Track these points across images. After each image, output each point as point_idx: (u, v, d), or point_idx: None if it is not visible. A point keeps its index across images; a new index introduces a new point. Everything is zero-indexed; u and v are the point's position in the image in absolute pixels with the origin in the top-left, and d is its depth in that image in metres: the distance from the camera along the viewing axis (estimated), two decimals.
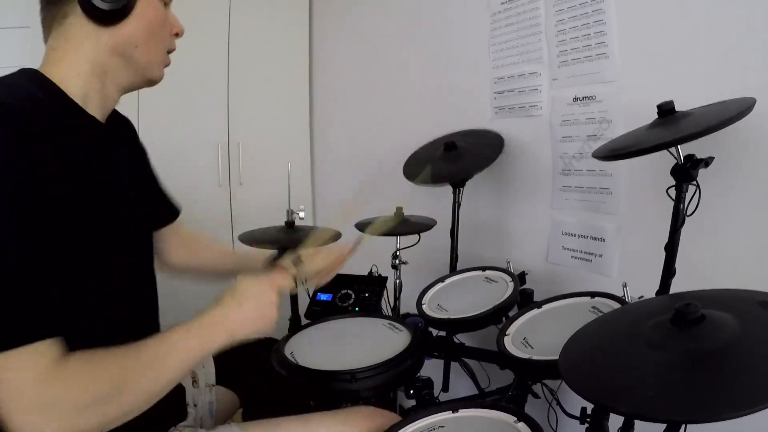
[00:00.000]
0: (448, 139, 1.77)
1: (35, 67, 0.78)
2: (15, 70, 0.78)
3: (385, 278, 1.69)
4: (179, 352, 0.71)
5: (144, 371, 0.67)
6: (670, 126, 1.06)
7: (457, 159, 1.73)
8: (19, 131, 0.64)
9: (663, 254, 1.12)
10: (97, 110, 0.81)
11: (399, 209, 1.63)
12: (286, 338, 1.28)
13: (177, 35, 0.90)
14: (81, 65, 0.78)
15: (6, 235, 0.60)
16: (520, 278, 1.48)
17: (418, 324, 1.41)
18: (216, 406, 1.09)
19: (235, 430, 0.93)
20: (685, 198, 1.08)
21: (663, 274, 1.12)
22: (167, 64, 0.89)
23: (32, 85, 0.74)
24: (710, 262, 1.29)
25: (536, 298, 1.41)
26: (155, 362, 0.68)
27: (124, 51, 0.80)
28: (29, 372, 0.58)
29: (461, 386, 1.69)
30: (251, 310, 0.79)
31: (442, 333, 1.50)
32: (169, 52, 0.89)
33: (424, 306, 1.43)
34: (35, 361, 0.59)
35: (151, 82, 0.89)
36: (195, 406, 1.02)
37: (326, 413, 1.02)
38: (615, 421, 1.01)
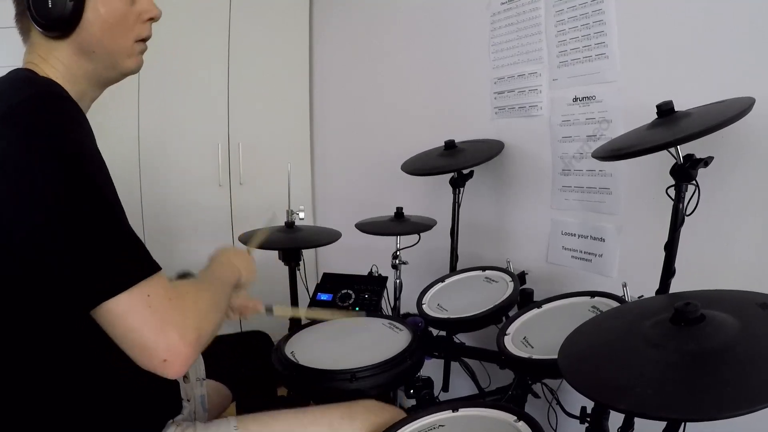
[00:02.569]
0: (448, 140, 1.77)
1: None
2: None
3: (386, 278, 1.69)
4: (223, 281, 0.92)
5: (217, 289, 0.86)
6: (670, 126, 1.07)
7: (457, 154, 1.73)
8: (75, 108, 0.73)
9: (663, 254, 1.12)
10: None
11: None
12: (287, 338, 1.29)
13: (152, 19, 0.87)
14: (56, 69, 0.80)
15: (110, 192, 0.71)
16: (520, 278, 1.48)
17: (419, 324, 1.41)
18: (208, 399, 1.10)
19: (233, 423, 0.93)
20: (684, 198, 1.08)
21: (663, 274, 1.13)
22: (142, 51, 0.87)
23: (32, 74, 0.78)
24: (710, 261, 1.29)
25: (536, 297, 1.41)
26: (217, 285, 0.88)
27: (88, 52, 0.81)
28: (163, 293, 0.69)
29: (461, 386, 1.69)
30: (241, 261, 1.01)
31: (443, 333, 1.50)
32: (144, 40, 0.87)
33: (424, 306, 1.43)
34: (164, 285, 0.71)
35: (126, 74, 0.87)
36: (188, 400, 1.03)
37: (326, 406, 1.01)
38: (615, 420, 1.02)
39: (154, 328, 0.67)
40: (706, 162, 1.06)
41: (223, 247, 1.04)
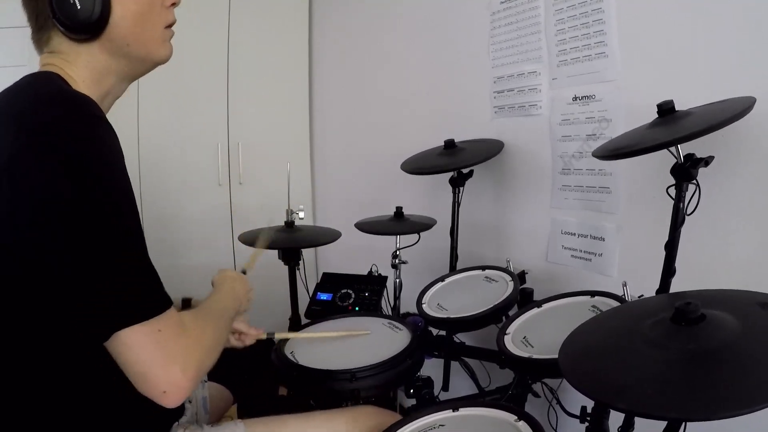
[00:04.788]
0: (448, 140, 1.77)
1: (34, 68, 0.79)
2: (14, 69, 0.79)
3: (385, 278, 1.69)
4: (227, 312, 0.93)
5: (221, 321, 0.87)
6: (670, 125, 1.06)
7: (457, 153, 1.73)
8: (100, 116, 0.72)
9: (663, 253, 1.12)
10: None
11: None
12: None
13: (174, 4, 0.85)
14: (81, 74, 0.79)
15: (130, 218, 0.70)
16: (520, 277, 1.48)
17: (418, 323, 1.41)
18: (210, 401, 1.10)
19: (240, 427, 0.95)
20: (685, 197, 1.08)
21: (663, 273, 1.12)
22: (171, 37, 0.87)
23: (62, 83, 0.76)
24: (710, 261, 1.29)
25: (536, 297, 1.41)
26: (223, 316, 0.90)
27: (120, 51, 0.80)
28: (172, 329, 0.70)
29: (461, 385, 1.69)
30: (241, 290, 1.03)
31: (442, 332, 1.50)
32: (170, 26, 0.86)
33: (424, 305, 1.43)
34: (174, 320, 0.72)
35: (159, 63, 0.86)
36: (190, 402, 1.03)
37: (330, 411, 1.03)
38: (615, 420, 1.02)
39: (159, 362, 0.68)
40: (706, 161, 1.06)
41: (223, 271, 1.06)
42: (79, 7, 0.73)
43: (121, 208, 0.69)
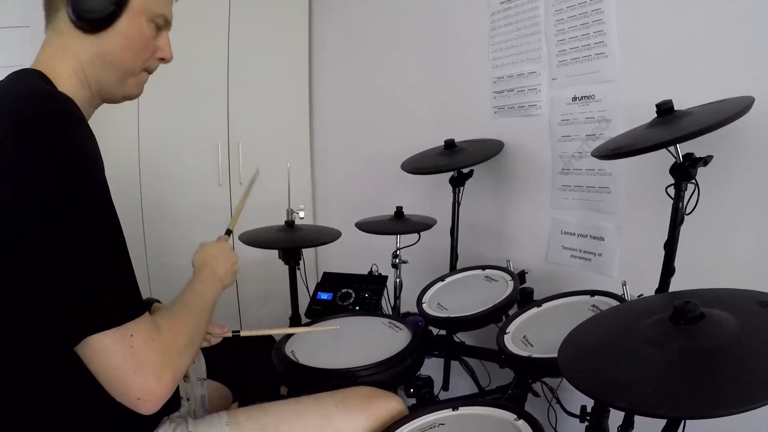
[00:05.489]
0: (448, 140, 1.77)
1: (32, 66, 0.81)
2: (14, 69, 0.79)
3: (385, 277, 1.69)
4: (206, 303, 0.91)
5: (198, 317, 0.86)
6: (669, 125, 1.07)
7: (457, 153, 1.73)
8: (81, 120, 0.72)
9: (662, 253, 1.12)
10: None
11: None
12: (287, 337, 1.29)
13: (162, 60, 0.91)
14: (69, 65, 0.81)
15: (111, 225, 0.70)
16: (520, 277, 1.49)
17: (418, 323, 1.42)
18: (209, 399, 1.09)
19: (224, 418, 0.92)
20: (684, 196, 1.09)
21: (662, 273, 1.13)
22: (144, 82, 0.91)
23: (45, 84, 0.78)
24: (709, 260, 1.30)
25: (536, 296, 1.42)
26: (199, 312, 0.87)
27: (103, 60, 0.83)
28: (145, 334, 0.70)
29: (461, 385, 1.69)
30: (223, 268, 1.00)
31: (443, 332, 1.50)
32: (148, 72, 0.91)
33: (424, 305, 1.43)
34: (148, 325, 0.71)
35: (127, 97, 0.90)
36: (188, 399, 1.03)
37: (319, 395, 0.99)
38: (615, 419, 1.02)
39: (132, 368, 0.68)
40: (705, 161, 1.06)
41: (204, 247, 1.03)
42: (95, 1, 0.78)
43: (99, 208, 0.70)
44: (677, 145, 1.05)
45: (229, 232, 1.16)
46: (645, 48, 1.40)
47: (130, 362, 0.68)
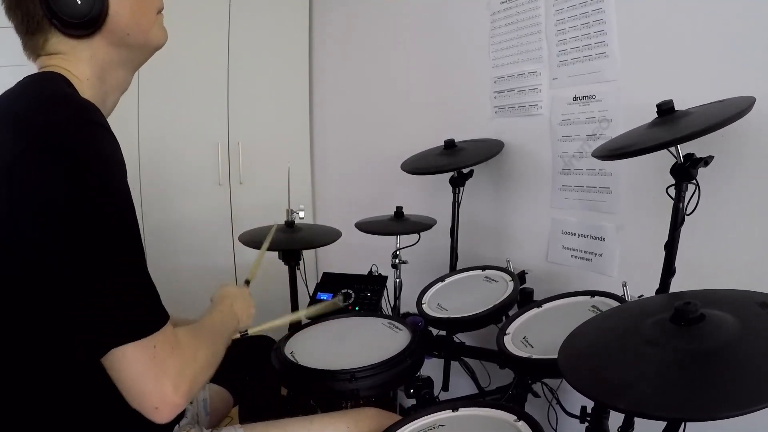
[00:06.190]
0: (448, 140, 1.77)
1: (33, 68, 0.79)
2: (14, 69, 0.79)
3: (385, 277, 1.69)
4: (224, 331, 0.92)
5: (217, 339, 0.86)
6: (670, 125, 1.06)
7: (457, 153, 1.73)
8: (101, 123, 0.71)
9: (663, 253, 1.12)
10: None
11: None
12: (287, 338, 1.29)
13: None
14: (85, 71, 0.79)
15: (131, 228, 0.69)
16: (520, 277, 1.48)
17: (418, 323, 1.41)
18: (210, 403, 1.09)
19: (240, 431, 0.94)
20: (684, 197, 1.08)
21: (663, 273, 1.12)
22: (162, 21, 0.88)
23: (66, 86, 0.75)
24: (710, 261, 1.29)
25: (536, 297, 1.41)
26: (219, 334, 0.89)
27: (121, 41, 0.81)
28: (168, 345, 0.70)
29: (461, 385, 1.69)
30: (241, 307, 1.01)
31: (442, 332, 1.50)
32: (160, 11, 0.87)
33: (424, 305, 1.43)
34: (170, 336, 0.71)
35: (157, 48, 0.88)
36: (191, 403, 1.03)
37: (332, 414, 1.02)
38: (615, 420, 1.02)
39: (152, 377, 0.68)
40: (706, 161, 1.06)
41: (224, 286, 1.05)
42: (79, 3, 0.74)
43: (121, 215, 0.69)
44: (678, 146, 1.05)
45: (248, 282, 1.16)
46: (646, 48, 1.40)
47: (152, 372, 0.68)
